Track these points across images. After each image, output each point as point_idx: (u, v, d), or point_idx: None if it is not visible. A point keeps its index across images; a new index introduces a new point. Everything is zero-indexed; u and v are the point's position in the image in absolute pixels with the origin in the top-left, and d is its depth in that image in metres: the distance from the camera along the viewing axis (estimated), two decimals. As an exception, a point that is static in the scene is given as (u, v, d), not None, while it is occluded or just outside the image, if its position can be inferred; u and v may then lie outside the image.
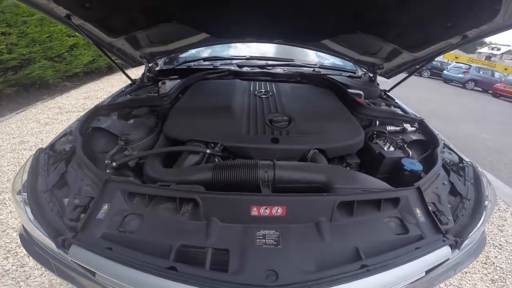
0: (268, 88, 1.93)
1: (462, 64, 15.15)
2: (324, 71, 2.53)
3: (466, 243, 1.05)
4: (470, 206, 1.15)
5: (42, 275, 1.83)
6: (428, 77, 15.68)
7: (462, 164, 1.38)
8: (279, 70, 2.41)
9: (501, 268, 2.17)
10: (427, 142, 1.58)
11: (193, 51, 2.68)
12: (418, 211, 1.02)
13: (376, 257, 0.85)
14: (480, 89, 14.15)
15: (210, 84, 2.01)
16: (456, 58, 16.58)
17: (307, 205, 0.97)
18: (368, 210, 1.02)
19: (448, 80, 15.00)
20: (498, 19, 1.30)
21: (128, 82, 2.23)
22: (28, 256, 1.90)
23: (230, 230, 0.91)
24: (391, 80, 2.42)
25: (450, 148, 1.55)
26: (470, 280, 2.02)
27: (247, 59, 2.63)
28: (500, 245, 2.42)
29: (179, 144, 1.33)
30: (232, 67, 2.40)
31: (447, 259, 0.96)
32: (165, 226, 0.92)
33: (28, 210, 1.05)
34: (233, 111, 1.54)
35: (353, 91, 1.97)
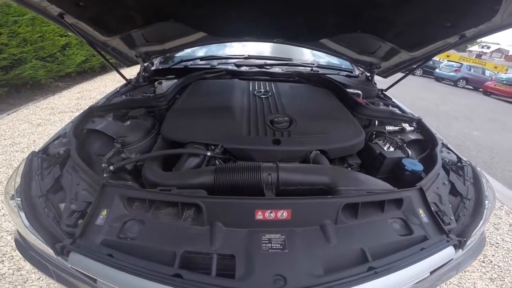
0: (267, 88, 1.91)
1: (454, 63, 15.31)
2: (322, 70, 2.52)
3: (468, 243, 1.06)
4: (470, 205, 1.16)
5: (39, 278, 1.80)
6: (420, 75, 15.82)
7: (461, 164, 1.39)
8: (277, 70, 2.39)
9: (499, 266, 2.19)
10: (425, 141, 1.58)
11: (189, 50, 2.64)
12: (421, 212, 1.02)
13: (382, 259, 0.85)
14: (471, 87, 14.36)
15: (208, 84, 1.98)
16: (447, 56, 16.77)
17: (313, 208, 0.96)
18: (372, 212, 1.02)
19: (440, 79, 15.17)
20: (496, 19, 1.31)
21: (123, 82, 2.19)
22: (25, 260, 1.88)
23: (235, 235, 0.89)
24: (387, 79, 2.44)
25: (448, 148, 1.56)
26: (469, 279, 2.04)
27: (245, 58, 2.60)
28: (497, 243, 2.45)
29: (178, 146, 1.30)
30: (229, 67, 2.38)
31: (451, 259, 0.96)
32: (167, 231, 0.90)
33: (22, 216, 1.01)
34: (233, 112, 1.52)
35: (352, 90, 1.97)
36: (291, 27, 1.92)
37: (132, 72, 2.33)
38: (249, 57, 2.63)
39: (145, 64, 2.25)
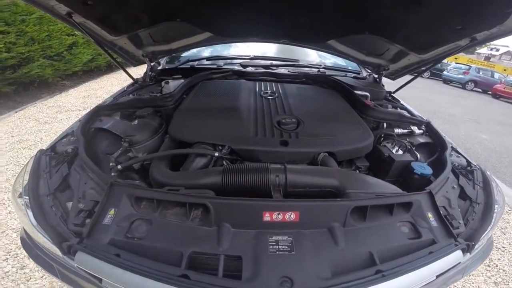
0: (274, 89, 1.90)
1: (462, 65, 15.13)
2: (329, 71, 2.50)
3: (475, 247, 1.05)
4: (480, 210, 1.16)
5: (42, 277, 1.80)
6: (427, 77, 15.67)
7: (470, 168, 1.38)
8: (283, 71, 2.38)
9: (504, 270, 2.16)
10: (434, 145, 1.56)
11: (194, 50, 2.64)
12: (430, 216, 1.02)
13: (390, 262, 0.85)
14: (480, 90, 14.16)
15: (214, 84, 1.98)
16: (455, 58, 16.54)
17: (321, 210, 0.96)
18: (380, 215, 1.01)
19: (448, 81, 15.01)
20: (508, 22, 1.29)
21: (129, 81, 2.20)
22: (29, 258, 1.88)
23: (242, 236, 0.89)
24: (392, 81, 2.41)
25: (457, 151, 1.55)
26: (473, 283, 2.02)
27: (251, 58, 2.59)
28: (503, 247, 2.42)
29: (186, 146, 1.30)
30: (235, 67, 2.37)
31: (459, 263, 0.96)
32: (174, 232, 0.89)
33: (30, 214, 1.02)
34: (240, 112, 1.51)
35: (359, 92, 1.95)
36: (298, 28, 1.91)
37: (137, 71, 2.34)
38: (255, 57, 2.62)
39: (151, 64, 2.26)
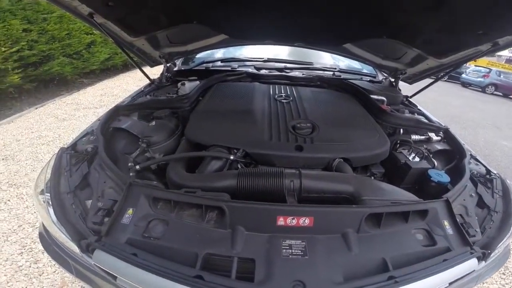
0: (288, 92, 1.89)
1: (482, 68, 14.62)
2: (344, 75, 2.48)
3: (491, 255, 1.05)
4: (498, 218, 1.15)
5: (55, 272, 1.85)
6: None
7: (489, 176, 1.36)
8: (297, 74, 2.37)
9: (519, 279, 2.09)
10: (452, 152, 1.54)
11: (209, 52, 2.66)
12: (446, 223, 1.01)
13: (403, 268, 0.85)
14: (501, 93, 13.66)
15: (229, 86, 2.00)
16: (475, 61, 16.03)
17: (336, 216, 0.96)
18: (395, 222, 1.01)
19: (466, 84, 14.55)
20: None
21: (144, 80, 2.24)
22: (43, 253, 1.92)
23: (256, 239, 0.90)
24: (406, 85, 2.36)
25: (477, 159, 1.52)
26: (487, 291, 1.97)
27: (265, 61, 2.59)
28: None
29: (202, 148, 1.32)
30: (249, 69, 2.38)
31: (473, 271, 0.95)
32: (190, 233, 0.91)
33: (51, 211, 1.05)
34: (254, 116, 1.52)
35: (375, 96, 1.93)
36: (314, 31, 1.90)
37: (152, 71, 2.38)
38: (268, 60, 2.62)
39: (168, 65, 2.30)
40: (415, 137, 1.60)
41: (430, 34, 1.63)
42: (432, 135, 1.62)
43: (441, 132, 1.65)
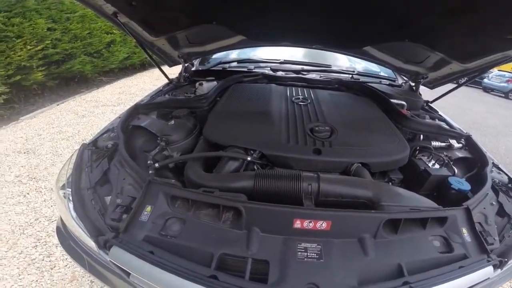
0: (306, 95, 1.88)
1: (506, 72, 14.05)
2: (362, 78, 2.43)
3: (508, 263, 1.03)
4: None
5: (66, 266, 1.87)
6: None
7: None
8: (314, 76, 2.34)
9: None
10: (473, 160, 1.49)
11: (225, 52, 2.67)
12: (465, 231, 1.00)
13: (418, 274, 0.85)
14: (525, 100, 13.10)
15: (247, 88, 2.00)
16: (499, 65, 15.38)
17: (353, 221, 0.95)
18: (412, 228, 1.00)
19: (488, 89, 13.99)
20: None
21: (160, 79, 2.27)
22: (56, 246, 1.96)
23: (271, 241, 0.90)
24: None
25: (499, 168, 1.48)
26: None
27: (281, 63, 2.58)
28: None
29: (219, 148, 1.32)
30: (266, 71, 2.37)
31: (487, 278, 0.94)
32: (206, 232, 0.92)
33: (71, 206, 1.08)
34: (272, 117, 1.52)
35: (395, 101, 1.88)
36: (333, 33, 1.87)
37: (169, 71, 2.40)
38: (285, 61, 2.60)
39: (186, 65, 2.32)
40: (435, 143, 1.55)
41: (455, 37, 1.57)
42: (453, 142, 1.58)
43: (462, 139, 1.61)
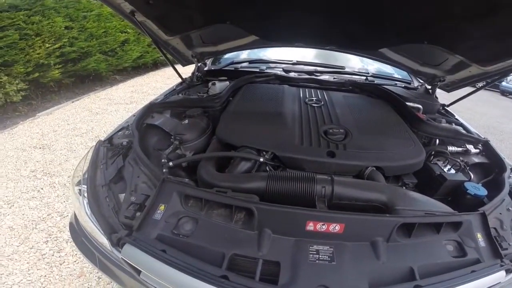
0: (319, 96, 1.86)
1: (525, 76, 13.66)
2: (377, 80, 2.39)
3: None
4: None
5: (75, 261, 1.88)
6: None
7: None
8: (327, 77, 2.32)
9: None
10: (490, 165, 1.46)
11: (237, 52, 2.68)
12: (480, 236, 0.99)
13: (430, 278, 0.85)
14: (544, 105, 12.65)
15: (259, 88, 1.99)
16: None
17: (367, 224, 0.94)
18: (426, 232, 0.99)
19: (506, 93, 13.55)
20: None
21: (170, 78, 2.29)
22: (67, 242, 1.98)
23: (282, 242, 0.90)
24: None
25: None
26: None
27: (293, 64, 2.56)
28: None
29: (232, 148, 1.33)
30: (278, 71, 2.36)
31: (498, 283, 0.93)
32: (218, 232, 0.92)
33: (85, 203, 1.09)
34: (285, 119, 1.51)
35: (411, 104, 1.84)
36: (348, 34, 1.84)
37: (182, 70, 2.41)
38: (297, 62, 2.59)
39: (199, 64, 2.34)
40: (451, 148, 1.52)
41: (476, 40, 1.52)
42: (470, 147, 1.54)
43: (480, 145, 1.56)
